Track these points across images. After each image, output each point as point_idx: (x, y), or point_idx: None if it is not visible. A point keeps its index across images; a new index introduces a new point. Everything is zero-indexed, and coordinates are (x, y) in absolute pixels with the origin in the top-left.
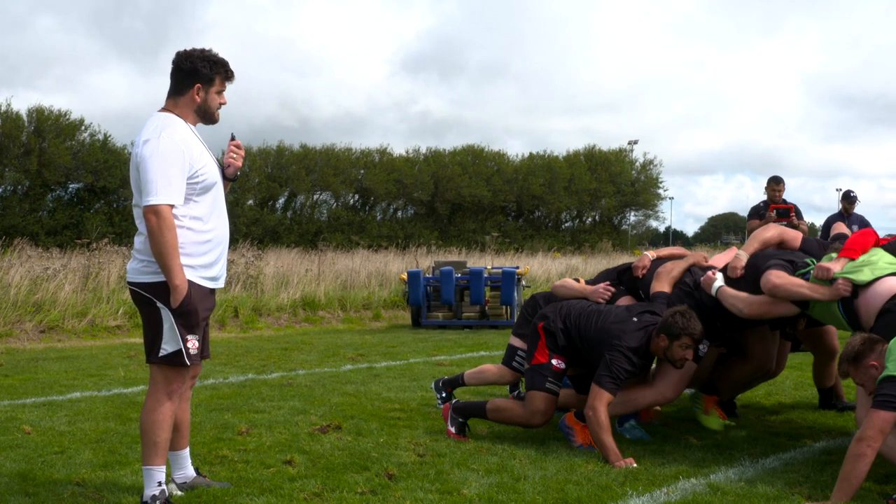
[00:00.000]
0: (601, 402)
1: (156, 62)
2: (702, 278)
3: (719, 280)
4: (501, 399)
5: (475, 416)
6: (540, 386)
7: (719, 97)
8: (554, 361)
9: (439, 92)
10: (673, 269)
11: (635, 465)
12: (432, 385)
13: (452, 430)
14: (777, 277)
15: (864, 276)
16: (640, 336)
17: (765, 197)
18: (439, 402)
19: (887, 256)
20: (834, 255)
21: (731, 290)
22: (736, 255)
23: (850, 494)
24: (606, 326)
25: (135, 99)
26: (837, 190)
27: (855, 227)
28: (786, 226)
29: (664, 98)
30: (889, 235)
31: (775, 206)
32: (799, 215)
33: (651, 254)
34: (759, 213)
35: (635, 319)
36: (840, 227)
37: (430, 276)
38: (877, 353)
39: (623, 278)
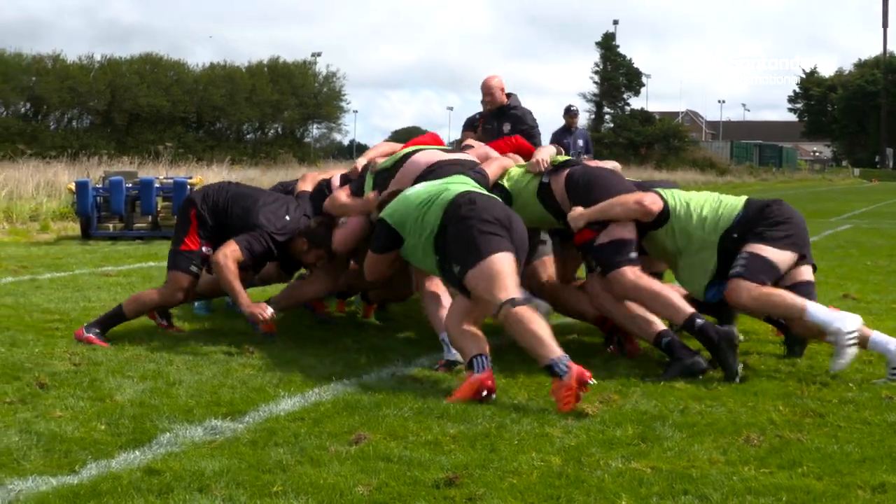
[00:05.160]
0: (232, 254)
1: None
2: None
3: None
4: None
5: (115, 324)
6: (185, 268)
7: (408, 12)
8: (204, 249)
9: None
10: (318, 176)
11: (270, 310)
12: None
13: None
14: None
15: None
16: (286, 232)
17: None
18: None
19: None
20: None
21: None
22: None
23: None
24: (259, 210)
25: None
26: None
27: (580, 142)
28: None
29: (353, 11)
30: None
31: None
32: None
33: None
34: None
35: (287, 218)
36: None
37: (100, 186)
38: None
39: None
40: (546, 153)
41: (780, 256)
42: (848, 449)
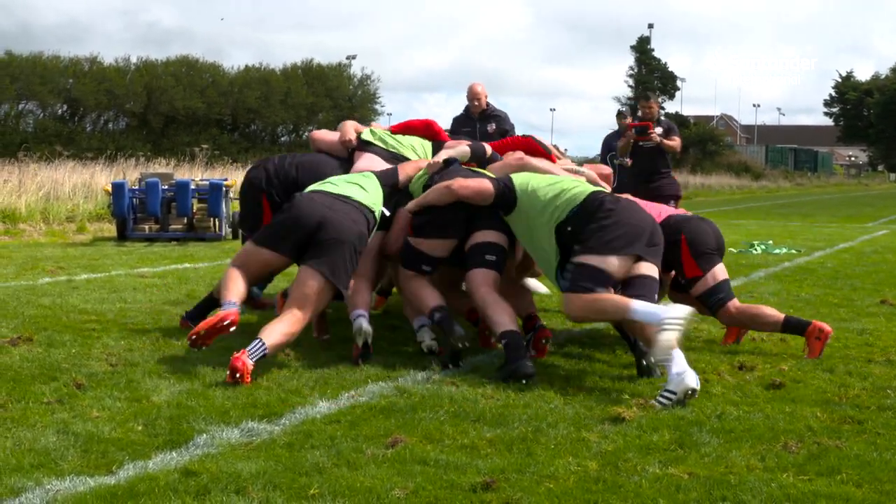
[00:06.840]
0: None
1: None
2: None
3: None
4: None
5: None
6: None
7: (444, 16)
8: None
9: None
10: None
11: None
12: None
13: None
14: None
15: None
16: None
17: (639, 114)
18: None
19: None
20: None
21: None
22: None
23: None
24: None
25: None
26: (552, 110)
27: None
28: (645, 143)
29: (388, 15)
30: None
31: (633, 125)
32: (670, 132)
33: None
34: (623, 133)
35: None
36: None
37: (136, 187)
38: None
39: None
40: (444, 154)
41: (608, 263)
42: (887, 456)
